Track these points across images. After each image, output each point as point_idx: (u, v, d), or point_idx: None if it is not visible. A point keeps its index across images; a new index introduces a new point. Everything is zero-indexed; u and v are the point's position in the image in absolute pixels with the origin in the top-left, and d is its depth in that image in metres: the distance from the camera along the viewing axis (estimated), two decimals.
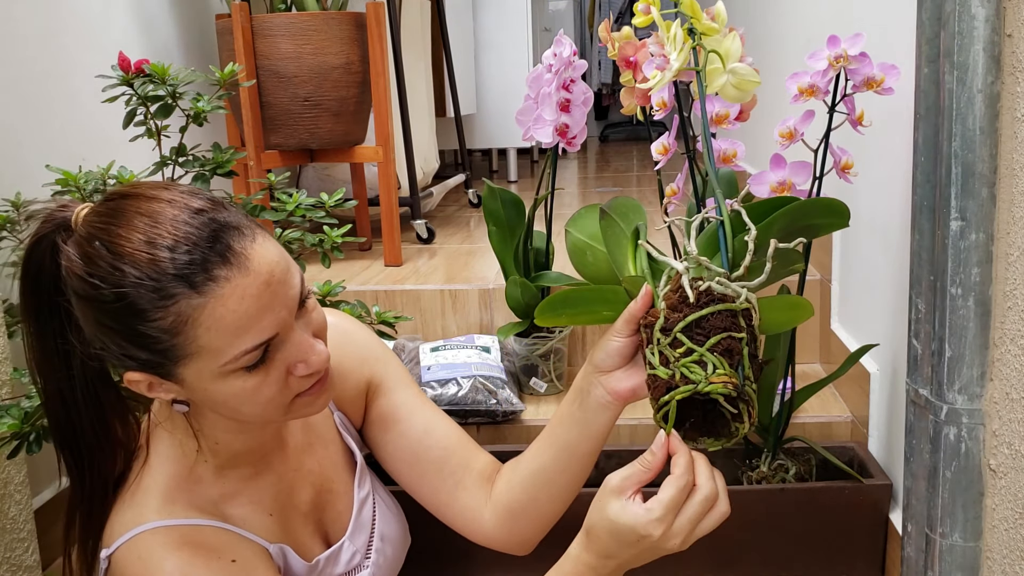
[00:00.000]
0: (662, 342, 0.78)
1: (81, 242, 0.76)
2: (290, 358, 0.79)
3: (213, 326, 0.74)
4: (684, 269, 0.79)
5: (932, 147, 0.99)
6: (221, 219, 0.76)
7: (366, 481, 1.02)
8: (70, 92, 1.61)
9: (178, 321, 0.74)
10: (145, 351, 0.76)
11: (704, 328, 0.77)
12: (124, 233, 0.74)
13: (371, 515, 1.00)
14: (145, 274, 0.73)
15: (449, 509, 1.00)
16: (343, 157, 2.14)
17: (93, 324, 0.77)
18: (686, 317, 0.77)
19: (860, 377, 1.39)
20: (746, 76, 0.91)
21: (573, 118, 1.39)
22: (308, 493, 0.96)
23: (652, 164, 1.20)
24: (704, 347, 0.76)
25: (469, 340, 1.62)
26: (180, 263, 0.73)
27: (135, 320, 0.74)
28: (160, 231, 0.74)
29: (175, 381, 0.79)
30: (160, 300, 0.73)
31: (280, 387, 0.80)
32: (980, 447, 0.98)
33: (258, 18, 1.96)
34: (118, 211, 0.76)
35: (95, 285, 0.74)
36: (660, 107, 1.13)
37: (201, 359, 0.76)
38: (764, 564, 1.28)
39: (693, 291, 0.77)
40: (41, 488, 1.42)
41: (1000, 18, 0.91)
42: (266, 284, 0.75)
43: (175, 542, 0.81)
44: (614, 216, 0.93)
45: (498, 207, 1.59)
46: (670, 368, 0.76)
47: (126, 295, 0.73)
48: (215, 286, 0.73)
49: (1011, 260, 0.92)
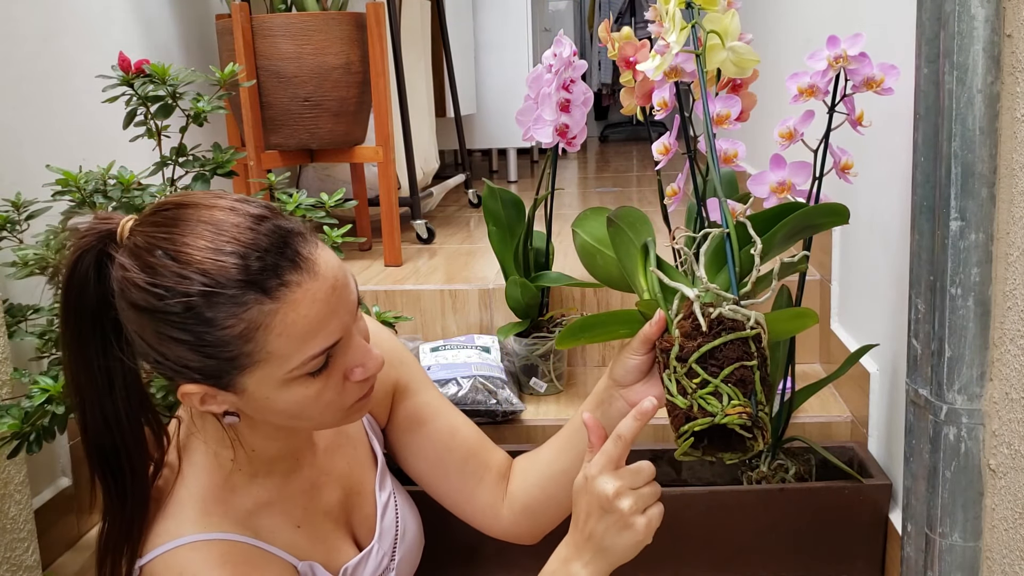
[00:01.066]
0: (678, 371, 0.82)
1: (139, 252, 0.74)
2: (349, 363, 0.80)
3: (284, 332, 0.74)
4: (695, 297, 0.83)
5: (932, 147, 0.99)
6: (286, 226, 0.76)
7: (387, 482, 1.02)
8: (70, 92, 1.61)
9: (250, 328, 0.73)
10: (209, 361, 0.75)
11: (718, 358, 0.81)
12: (189, 241, 0.73)
13: (394, 517, 1.00)
14: (216, 281, 0.72)
15: (469, 505, 1.04)
16: (343, 157, 2.14)
17: (152, 336, 0.75)
18: (700, 347, 0.81)
19: (860, 377, 1.39)
20: (745, 54, 0.93)
21: (573, 118, 1.39)
22: (337, 495, 0.96)
23: (652, 164, 1.20)
24: (718, 378, 0.81)
25: (469, 340, 1.62)
26: (253, 269, 0.72)
27: (203, 329, 0.73)
28: (226, 238, 0.73)
29: (234, 391, 0.78)
30: (232, 307, 0.72)
31: (338, 392, 0.80)
32: (980, 447, 0.98)
33: (258, 18, 1.96)
34: (177, 220, 0.75)
35: (160, 295, 0.73)
36: (661, 107, 1.13)
37: (267, 366, 0.75)
38: (764, 564, 1.28)
39: (705, 319, 0.82)
40: (41, 488, 1.42)
41: (1000, 18, 0.91)
42: (332, 288, 0.76)
43: (216, 560, 0.80)
44: (622, 225, 0.94)
45: (498, 207, 1.59)
46: (688, 399, 0.81)
47: (195, 304, 0.72)
48: (287, 291, 0.73)
49: (1011, 260, 0.92)
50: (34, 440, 1.12)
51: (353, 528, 0.98)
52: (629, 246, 0.94)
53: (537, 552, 0.99)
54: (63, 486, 1.47)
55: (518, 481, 1.04)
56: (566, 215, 2.65)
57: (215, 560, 0.80)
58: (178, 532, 0.81)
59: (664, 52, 0.94)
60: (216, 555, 0.80)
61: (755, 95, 1.27)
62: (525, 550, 1.12)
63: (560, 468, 1.00)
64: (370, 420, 1.03)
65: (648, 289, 0.90)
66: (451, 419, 1.05)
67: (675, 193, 1.27)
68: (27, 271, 1.18)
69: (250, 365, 0.75)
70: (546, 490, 1.01)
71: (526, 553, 1.13)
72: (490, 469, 1.04)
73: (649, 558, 1.29)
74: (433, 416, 1.04)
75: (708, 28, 0.93)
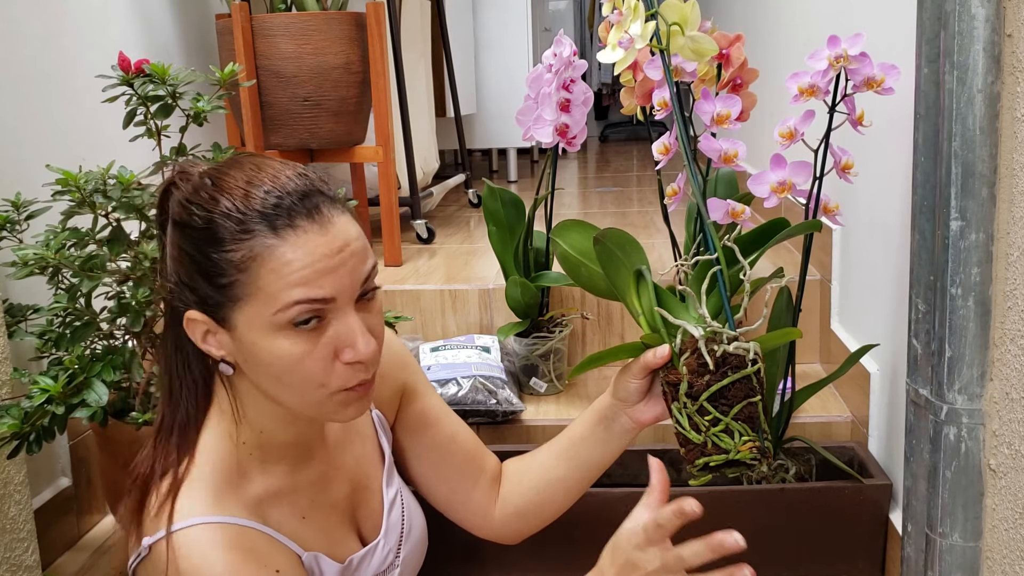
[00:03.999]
0: (689, 407, 0.89)
1: (195, 179, 0.83)
2: (340, 338, 0.81)
3: (276, 269, 0.78)
4: (701, 337, 0.89)
5: (932, 147, 0.99)
6: (319, 186, 0.82)
7: (394, 480, 1.03)
8: (70, 92, 1.61)
9: (247, 256, 0.78)
10: (210, 285, 0.80)
11: (727, 397, 0.88)
12: (232, 172, 0.81)
13: (400, 514, 1.01)
14: (235, 206, 0.78)
15: (463, 507, 1.07)
16: (343, 157, 2.14)
17: (176, 251, 0.82)
18: (709, 386, 0.88)
19: (860, 377, 1.39)
20: (702, 43, 0.97)
21: (573, 118, 1.39)
22: (344, 489, 0.97)
23: (652, 164, 1.20)
24: (729, 416, 0.88)
25: (469, 340, 1.62)
26: (268, 203, 0.78)
27: (211, 247, 0.79)
28: (262, 176, 0.80)
29: (227, 327, 0.81)
30: (239, 233, 0.78)
31: (324, 366, 0.81)
32: (980, 447, 0.98)
33: (258, 18, 1.96)
34: (234, 161, 0.84)
35: (190, 211, 0.80)
36: (661, 107, 1.13)
37: (255, 303, 0.79)
38: (764, 564, 1.28)
39: (711, 357, 0.88)
40: (41, 488, 1.42)
41: (1000, 18, 0.91)
42: (338, 249, 0.79)
43: (226, 543, 0.81)
44: (610, 246, 0.97)
45: (498, 207, 1.59)
46: (701, 435, 0.89)
47: (212, 220, 0.79)
48: (291, 233, 0.78)
49: (1011, 260, 0.92)
50: (34, 440, 1.12)
51: (358, 523, 0.98)
52: (619, 266, 0.97)
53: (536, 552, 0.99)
54: (63, 486, 1.47)
55: (512, 485, 1.08)
56: (566, 215, 2.65)
57: (223, 543, 0.81)
58: (190, 513, 0.82)
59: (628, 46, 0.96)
60: (225, 538, 0.81)
61: (755, 95, 1.27)
62: (524, 550, 1.12)
63: (556, 475, 1.04)
64: (380, 417, 1.04)
65: (644, 312, 0.95)
66: (452, 423, 1.08)
67: (675, 193, 1.27)
68: (27, 271, 1.18)
69: (242, 297, 0.79)
70: (541, 494, 1.05)
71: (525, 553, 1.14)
72: (485, 472, 1.08)
73: None
74: (435, 420, 1.07)
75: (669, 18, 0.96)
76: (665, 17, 0.96)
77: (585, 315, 1.69)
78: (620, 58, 0.97)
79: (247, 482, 0.87)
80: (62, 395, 1.12)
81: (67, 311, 1.23)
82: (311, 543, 0.90)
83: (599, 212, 2.69)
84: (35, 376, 1.14)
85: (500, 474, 1.09)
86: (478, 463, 1.08)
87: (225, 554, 0.80)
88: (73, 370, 1.14)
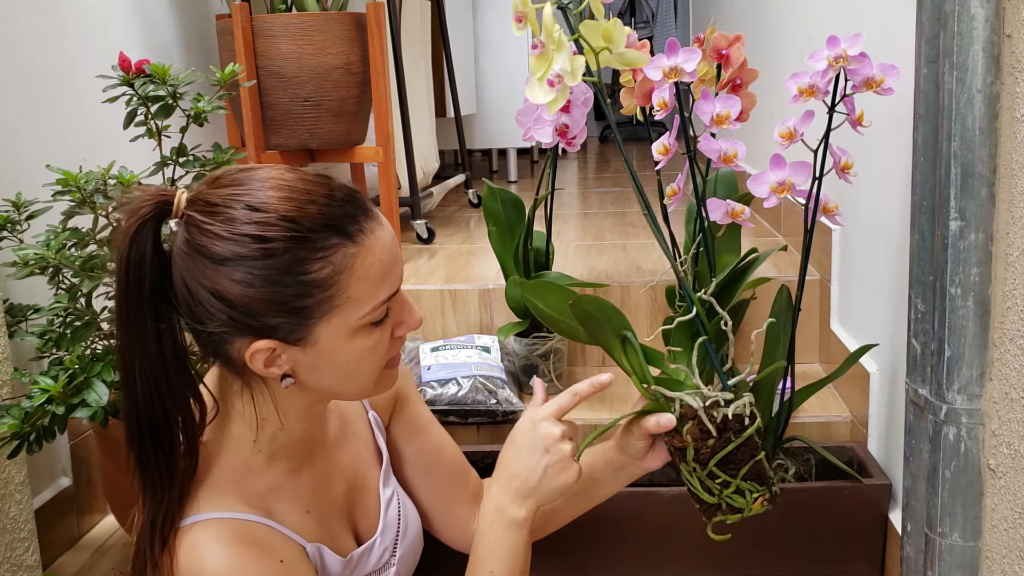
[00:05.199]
0: (699, 472, 0.94)
1: (215, 210, 0.76)
2: (396, 317, 0.84)
3: (364, 275, 0.78)
4: (700, 408, 0.92)
5: (932, 147, 0.99)
6: (349, 185, 0.82)
7: (391, 480, 1.04)
8: (70, 92, 1.61)
9: (335, 271, 0.77)
10: (285, 310, 0.77)
11: (734, 460, 0.92)
12: (270, 195, 0.76)
13: (396, 514, 1.02)
14: (302, 227, 0.76)
15: (442, 518, 1.08)
16: (343, 157, 2.14)
17: (231, 289, 0.75)
18: (715, 453, 0.92)
19: (860, 377, 1.39)
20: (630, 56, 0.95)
21: (573, 118, 1.39)
22: (342, 488, 0.97)
23: (652, 164, 1.20)
24: (738, 478, 0.93)
25: (469, 340, 1.62)
26: (336, 215, 0.77)
27: (289, 274, 0.76)
28: (302, 192, 0.77)
29: (304, 344, 0.79)
30: (317, 251, 0.76)
31: (386, 348, 0.84)
32: (980, 447, 0.98)
33: (258, 18, 1.96)
34: (246, 180, 0.78)
35: (246, 243, 0.75)
36: (660, 107, 1.13)
37: (345, 311, 0.79)
38: (764, 564, 1.28)
39: (713, 425, 0.91)
40: (41, 488, 1.42)
41: (1000, 18, 0.91)
42: (393, 238, 0.82)
43: (228, 536, 0.81)
44: (588, 308, 0.98)
45: (498, 207, 1.59)
46: (714, 496, 0.94)
47: (281, 249, 0.75)
48: (364, 236, 0.79)
49: (1010, 260, 0.92)
50: (34, 440, 1.12)
51: (355, 521, 0.98)
52: (602, 326, 0.99)
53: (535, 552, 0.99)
54: (63, 486, 1.47)
55: None
56: (566, 215, 2.65)
57: (227, 538, 0.81)
58: (193, 510, 0.82)
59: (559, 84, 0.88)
60: (228, 533, 0.81)
61: (755, 95, 1.27)
62: None
63: (552, 506, 1.05)
64: (376, 419, 1.05)
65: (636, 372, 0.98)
66: (439, 434, 1.09)
67: (675, 193, 1.27)
68: (27, 271, 1.18)
69: (330, 311, 0.78)
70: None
71: None
72: (467, 487, 1.09)
73: (649, 558, 1.30)
74: (424, 428, 1.08)
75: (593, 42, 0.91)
76: (589, 41, 0.91)
77: None
78: (551, 99, 0.88)
79: (251, 477, 0.87)
80: (62, 395, 1.12)
81: (67, 311, 1.23)
82: (314, 535, 0.90)
83: (599, 212, 2.69)
84: (35, 376, 1.14)
85: (481, 491, 1.10)
86: (462, 477, 1.09)
87: (229, 547, 0.80)
88: (73, 370, 1.14)
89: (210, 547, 0.80)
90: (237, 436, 0.87)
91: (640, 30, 5.56)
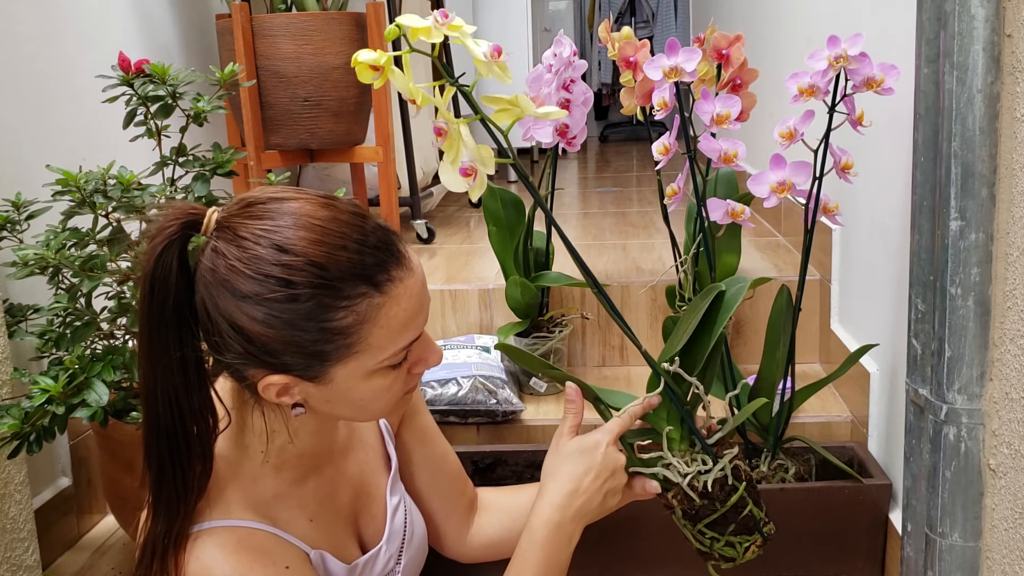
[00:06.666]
0: (689, 528, 0.96)
1: (242, 243, 0.74)
2: (416, 355, 0.84)
3: (387, 324, 0.77)
4: (682, 481, 0.94)
5: (932, 147, 0.99)
6: (384, 224, 0.80)
7: (398, 487, 1.04)
8: (70, 92, 1.61)
9: (358, 320, 0.75)
10: (307, 350, 0.76)
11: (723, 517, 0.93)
12: (299, 234, 0.74)
13: (403, 521, 1.02)
14: (330, 273, 0.74)
15: (439, 528, 1.09)
16: (343, 157, 2.14)
17: (249, 324, 0.74)
18: (701, 515, 0.94)
19: (860, 377, 1.39)
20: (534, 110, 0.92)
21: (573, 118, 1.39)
22: (348, 495, 0.97)
23: (652, 164, 1.20)
24: (727, 534, 0.94)
25: (469, 340, 1.62)
26: (366, 264, 0.75)
27: (311, 320, 0.74)
28: (335, 233, 0.75)
29: (319, 382, 0.79)
30: (342, 300, 0.74)
31: (403, 384, 0.84)
32: (980, 447, 0.98)
33: (258, 18, 1.96)
34: (276, 213, 0.75)
35: (268, 286, 0.73)
36: (660, 107, 1.13)
37: (363, 357, 0.78)
38: (764, 564, 1.28)
39: (696, 494, 0.93)
40: (41, 488, 1.42)
41: (1000, 18, 0.91)
42: (422, 284, 0.81)
43: (233, 544, 0.81)
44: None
45: (498, 207, 1.59)
46: (707, 548, 0.96)
47: (306, 295, 0.74)
48: (392, 287, 0.77)
49: (1011, 260, 0.92)
50: (34, 440, 1.12)
51: (360, 529, 0.98)
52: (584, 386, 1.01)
53: None
54: (63, 486, 1.47)
55: (490, 517, 1.10)
56: (566, 215, 2.65)
57: (232, 546, 0.81)
58: (198, 518, 0.82)
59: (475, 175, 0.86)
60: (233, 541, 0.81)
61: (755, 95, 1.27)
62: None
63: None
64: (387, 426, 1.05)
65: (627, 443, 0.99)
66: (443, 445, 1.10)
67: (675, 193, 1.27)
68: (27, 271, 1.18)
69: (348, 357, 0.77)
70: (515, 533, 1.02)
71: None
72: (464, 498, 1.10)
73: (649, 558, 1.30)
74: (432, 439, 1.08)
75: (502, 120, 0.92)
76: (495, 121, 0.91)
77: (585, 315, 1.69)
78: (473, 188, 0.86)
79: (256, 486, 0.87)
80: (62, 395, 1.12)
81: (67, 311, 1.23)
82: (318, 542, 0.90)
83: (599, 212, 2.69)
84: (35, 376, 1.14)
85: (476, 502, 1.11)
86: (460, 488, 1.10)
87: (235, 555, 0.80)
88: (73, 370, 1.14)
89: (215, 555, 0.80)
90: (246, 446, 0.87)
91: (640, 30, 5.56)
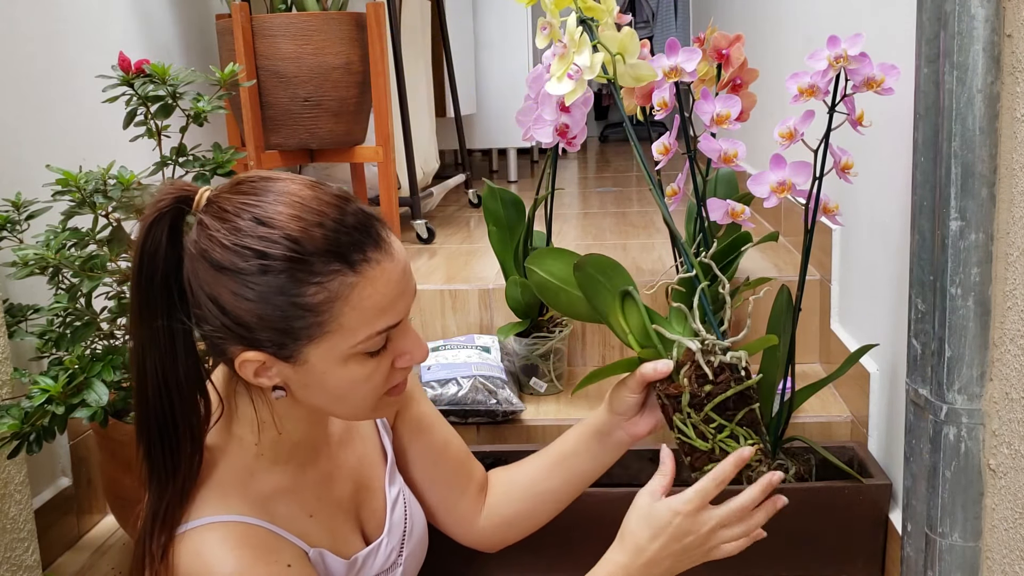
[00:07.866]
0: (694, 416, 0.93)
1: (225, 216, 0.76)
2: (399, 348, 0.83)
3: (359, 305, 0.77)
4: (698, 350, 0.92)
5: (932, 147, 0.99)
6: (367, 210, 0.81)
7: (396, 479, 1.04)
8: (70, 92, 1.61)
9: (329, 298, 0.76)
10: (280, 327, 0.77)
11: (729, 405, 0.92)
12: (280, 209, 0.76)
13: (403, 514, 1.02)
14: (303, 248, 0.75)
15: (449, 515, 1.08)
16: (343, 157, 2.14)
17: (228, 297, 0.76)
18: (713, 397, 0.91)
19: (860, 377, 1.39)
20: (643, 70, 1.02)
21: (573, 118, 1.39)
22: (348, 488, 0.97)
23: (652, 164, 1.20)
24: (734, 422, 0.92)
25: (469, 340, 1.62)
26: (341, 242, 0.76)
27: (282, 295, 0.75)
28: (314, 211, 0.76)
29: (294, 362, 0.79)
30: (315, 276, 0.75)
31: (383, 377, 0.83)
32: (980, 447, 0.98)
33: (258, 18, 1.96)
34: (263, 190, 0.78)
35: (245, 256, 0.75)
36: (661, 107, 1.13)
37: (335, 338, 0.78)
38: (764, 564, 1.28)
39: (709, 368, 0.91)
40: (41, 488, 1.42)
41: (1000, 18, 0.91)
42: (403, 271, 0.81)
43: (234, 541, 0.81)
44: (592, 271, 0.99)
45: (498, 207, 1.59)
46: (708, 442, 0.93)
47: (279, 268, 0.75)
48: (368, 267, 0.77)
49: (1011, 260, 0.92)
50: (34, 440, 1.12)
51: (362, 522, 0.99)
52: (601, 290, 1.00)
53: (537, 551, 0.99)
54: (63, 486, 1.47)
55: (499, 495, 1.10)
56: (566, 215, 2.65)
57: (231, 541, 0.81)
58: (197, 513, 0.82)
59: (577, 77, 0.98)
60: (233, 536, 0.81)
61: (755, 95, 1.27)
62: (526, 549, 1.12)
63: (547, 487, 1.07)
64: (383, 419, 1.05)
65: (633, 331, 0.98)
66: (445, 431, 1.09)
67: (675, 193, 1.27)
68: (27, 271, 1.18)
69: (319, 335, 0.77)
70: (529, 505, 1.08)
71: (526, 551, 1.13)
72: (473, 482, 1.09)
73: None
74: (430, 426, 1.08)
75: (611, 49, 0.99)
76: (607, 47, 0.99)
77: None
78: (570, 90, 0.98)
79: (255, 480, 0.87)
80: (62, 395, 1.12)
81: (67, 311, 1.23)
82: (317, 540, 0.90)
83: (599, 212, 2.69)
84: (35, 376, 1.14)
85: (486, 483, 1.11)
86: (467, 472, 1.09)
87: (236, 551, 0.80)
88: (73, 370, 1.14)
89: (216, 551, 0.80)
90: (240, 438, 0.87)
91: (640, 30, 5.56)
